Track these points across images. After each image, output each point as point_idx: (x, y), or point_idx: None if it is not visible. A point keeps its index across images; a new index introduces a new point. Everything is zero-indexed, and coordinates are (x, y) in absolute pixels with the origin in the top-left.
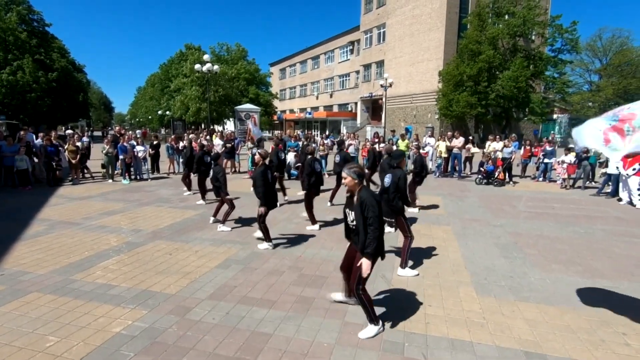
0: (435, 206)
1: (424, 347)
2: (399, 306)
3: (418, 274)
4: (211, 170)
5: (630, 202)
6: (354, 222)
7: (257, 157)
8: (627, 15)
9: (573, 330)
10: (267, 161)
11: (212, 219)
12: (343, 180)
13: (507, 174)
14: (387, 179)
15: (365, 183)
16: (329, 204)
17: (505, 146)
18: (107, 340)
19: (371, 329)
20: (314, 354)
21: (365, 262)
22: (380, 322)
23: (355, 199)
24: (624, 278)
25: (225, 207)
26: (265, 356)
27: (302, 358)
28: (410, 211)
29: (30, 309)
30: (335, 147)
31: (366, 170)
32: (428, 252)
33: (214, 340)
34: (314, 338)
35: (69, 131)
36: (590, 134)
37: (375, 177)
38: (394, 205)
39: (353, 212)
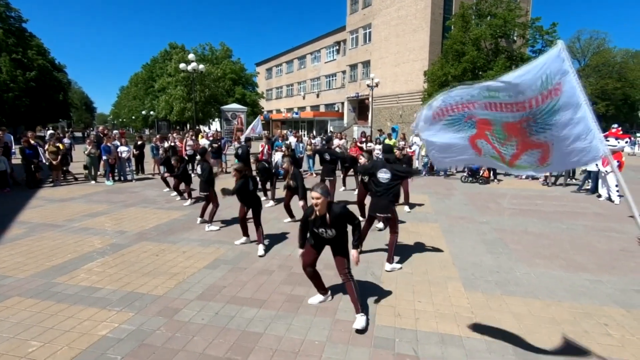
0: (422, 204)
1: (415, 342)
2: (389, 302)
3: (401, 267)
4: (197, 167)
5: (609, 199)
6: (332, 235)
7: (233, 173)
8: (604, 18)
9: (558, 322)
10: (242, 175)
11: (199, 219)
12: (314, 201)
13: (491, 172)
14: (386, 175)
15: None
16: (289, 219)
17: None
18: (93, 343)
19: (361, 319)
20: (306, 352)
21: (356, 254)
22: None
23: (327, 217)
24: (605, 271)
25: (211, 206)
26: (257, 355)
27: (293, 357)
28: (404, 209)
29: (11, 313)
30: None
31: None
32: (416, 249)
33: (204, 341)
34: (305, 336)
35: (49, 131)
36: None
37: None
38: (388, 198)
39: (329, 230)
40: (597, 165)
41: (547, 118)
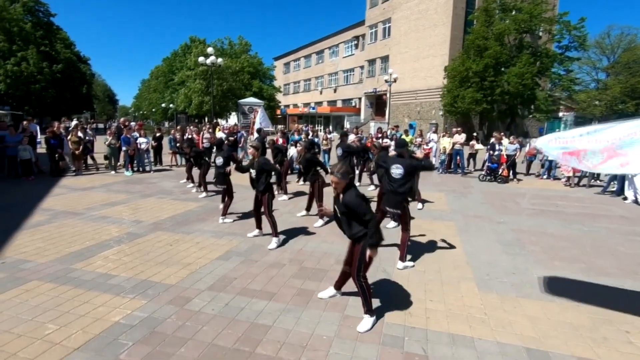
0: (438, 202)
1: (424, 341)
2: (400, 300)
3: (414, 265)
4: (216, 159)
5: (636, 201)
6: (339, 215)
7: (251, 151)
8: (636, 13)
9: (575, 328)
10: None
11: (221, 218)
12: (333, 185)
13: (510, 171)
14: (398, 170)
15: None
16: (304, 212)
17: (510, 143)
18: (106, 329)
19: (368, 321)
20: (313, 346)
21: (369, 251)
22: (375, 314)
23: (341, 198)
24: (627, 276)
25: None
26: (264, 347)
27: (301, 350)
28: (416, 207)
29: (30, 297)
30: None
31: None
32: (430, 247)
33: (213, 331)
34: (313, 330)
35: (74, 122)
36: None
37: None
38: (402, 195)
39: (339, 209)
40: None
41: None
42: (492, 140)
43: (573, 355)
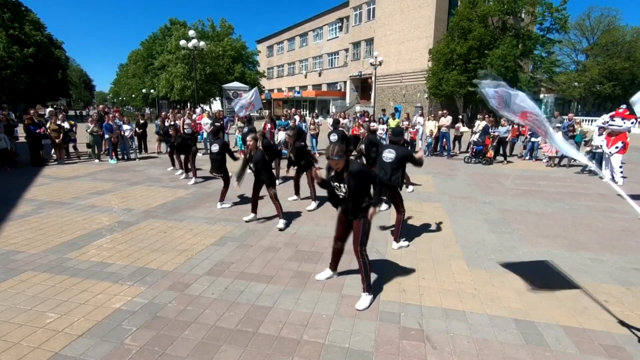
0: (425, 184)
1: (419, 316)
2: (394, 279)
3: (409, 245)
4: (212, 146)
5: (612, 180)
6: (346, 192)
7: (250, 142)
8: None
9: (559, 299)
10: (260, 144)
11: (219, 204)
12: (334, 166)
13: (504, 153)
14: (390, 154)
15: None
16: (295, 197)
17: (501, 125)
18: (108, 315)
19: (366, 299)
20: (314, 324)
21: (370, 210)
22: (372, 292)
23: (345, 173)
24: (606, 250)
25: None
26: (267, 327)
27: (302, 329)
28: (406, 190)
29: (26, 287)
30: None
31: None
32: (420, 228)
33: (215, 314)
34: (312, 310)
35: (49, 109)
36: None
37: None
38: (392, 181)
39: (344, 184)
40: (601, 146)
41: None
42: (483, 122)
43: (557, 324)
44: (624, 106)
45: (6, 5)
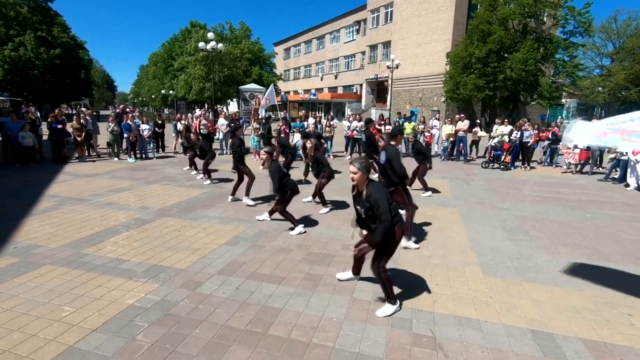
0: (441, 189)
1: (432, 323)
2: (407, 285)
3: (418, 248)
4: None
5: (638, 188)
6: (364, 216)
7: (264, 156)
8: None
9: (578, 310)
10: (274, 156)
11: (230, 197)
12: (352, 175)
13: (526, 158)
14: (382, 157)
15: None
16: (309, 198)
17: (525, 130)
18: (121, 311)
19: (388, 308)
20: (324, 328)
21: (367, 247)
22: (398, 302)
23: (364, 194)
24: (629, 262)
25: (246, 179)
26: (277, 329)
27: (312, 332)
28: (423, 195)
29: (45, 280)
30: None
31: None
32: (435, 233)
33: (226, 314)
34: (323, 313)
35: (83, 109)
36: (583, 134)
37: None
38: (389, 179)
39: (362, 208)
40: (626, 153)
41: None
42: (502, 127)
43: (577, 337)
44: None
45: (36, 9)
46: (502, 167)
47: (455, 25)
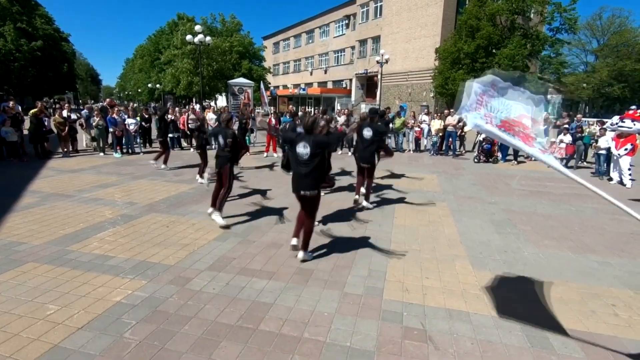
0: (430, 183)
1: (422, 316)
2: (397, 278)
3: (376, 205)
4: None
5: (621, 182)
6: (306, 156)
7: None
8: None
9: (565, 302)
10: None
11: (210, 209)
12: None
13: (515, 153)
14: (368, 132)
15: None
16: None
17: None
18: (108, 308)
19: (300, 254)
20: (315, 322)
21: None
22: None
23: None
24: (614, 254)
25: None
26: (267, 324)
27: (303, 327)
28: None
29: (28, 278)
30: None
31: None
32: (424, 228)
33: (215, 310)
34: (314, 308)
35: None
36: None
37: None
38: (372, 153)
39: (308, 147)
40: (609, 148)
41: None
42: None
43: (563, 327)
44: (634, 107)
45: None
46: (492, 160)
47: (444, 20)
